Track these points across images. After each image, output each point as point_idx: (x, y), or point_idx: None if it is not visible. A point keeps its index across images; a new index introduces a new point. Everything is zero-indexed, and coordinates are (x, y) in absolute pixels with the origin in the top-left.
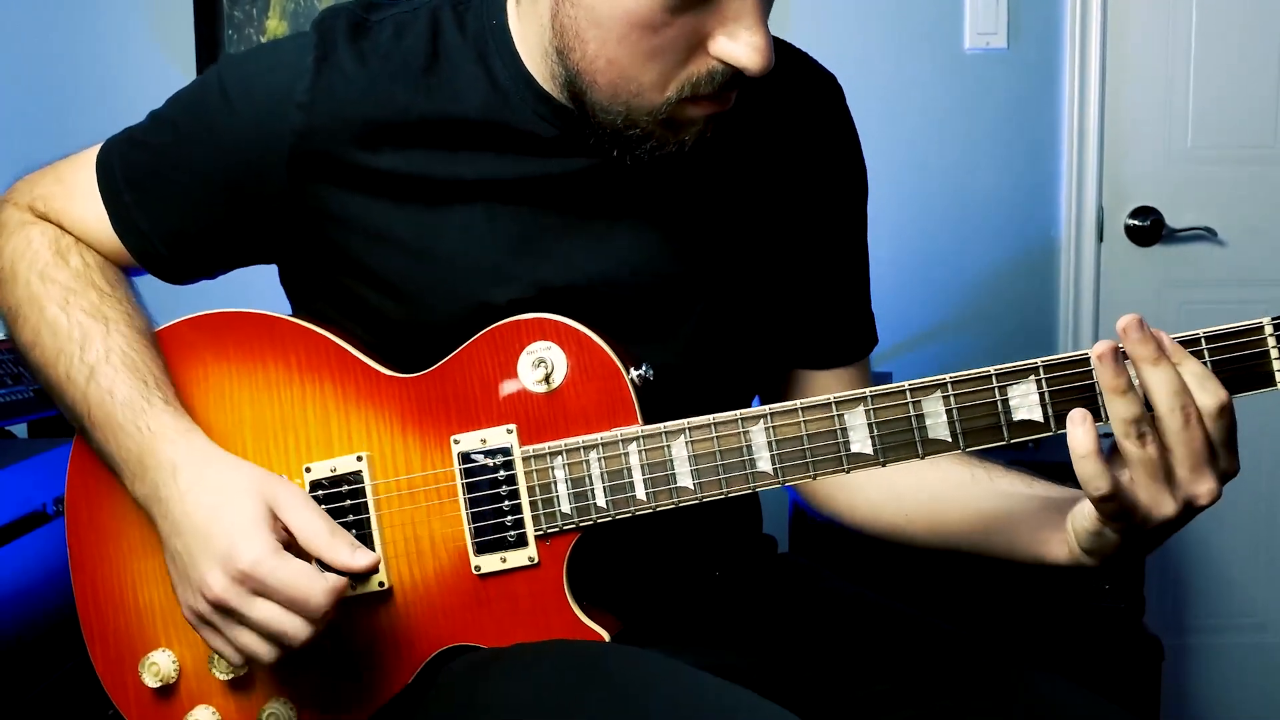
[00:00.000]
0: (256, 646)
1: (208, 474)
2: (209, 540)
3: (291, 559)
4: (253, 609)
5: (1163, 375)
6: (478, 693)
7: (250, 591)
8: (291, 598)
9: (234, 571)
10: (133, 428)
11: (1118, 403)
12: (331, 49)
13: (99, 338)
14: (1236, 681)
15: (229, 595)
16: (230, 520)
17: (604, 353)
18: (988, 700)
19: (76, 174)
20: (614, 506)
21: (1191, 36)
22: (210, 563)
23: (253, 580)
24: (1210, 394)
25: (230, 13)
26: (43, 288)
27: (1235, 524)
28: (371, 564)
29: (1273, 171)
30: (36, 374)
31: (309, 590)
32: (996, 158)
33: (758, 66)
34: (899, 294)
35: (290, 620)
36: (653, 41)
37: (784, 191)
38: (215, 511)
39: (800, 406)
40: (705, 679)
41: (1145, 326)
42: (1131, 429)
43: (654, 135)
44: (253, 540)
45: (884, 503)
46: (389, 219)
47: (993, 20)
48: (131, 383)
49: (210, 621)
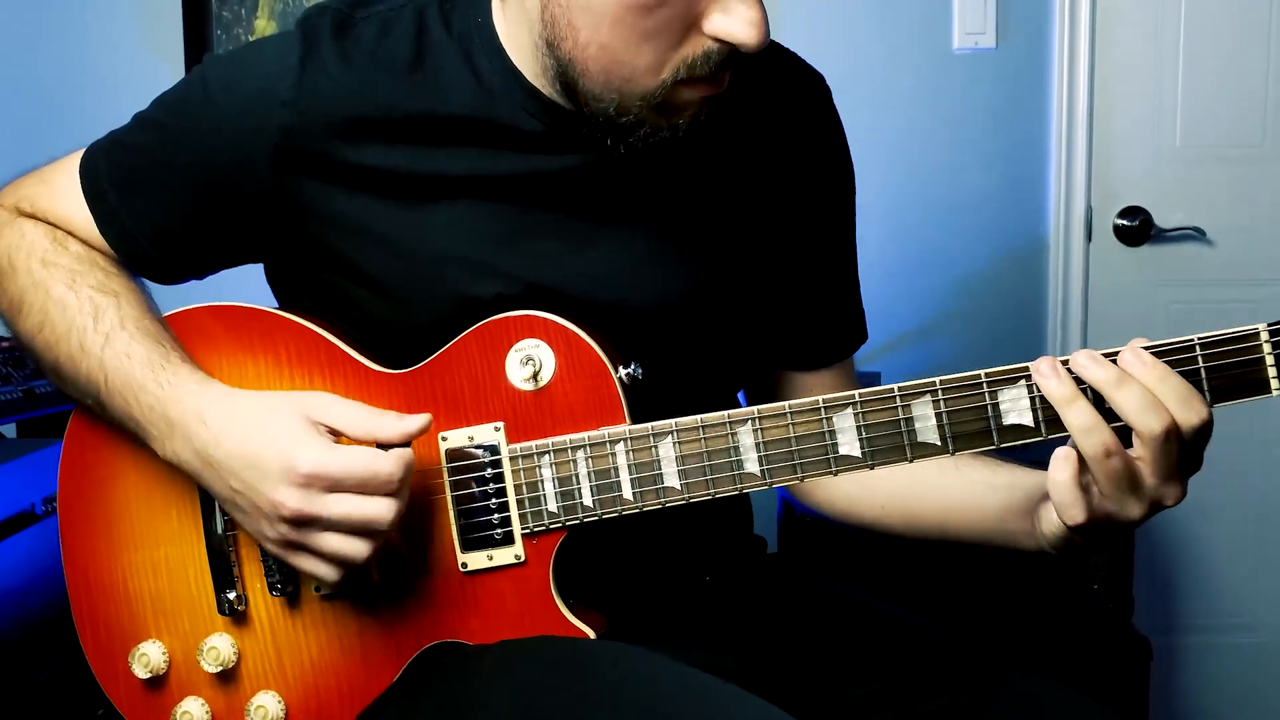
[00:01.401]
0: (348, 547)
1: (236, 410)
2: (261, 465)
3: (347, 447)
4: (331, 507)
5: (1128, 393)
6: (464, 689)
7: (323, 490)
8: (364, 478)
9: (299, 478)
10: (154, 384)
11: (1069, 411)
12: (316, 47)
13: (111, 309)
14: (1225, 681)
15: (304, 503)
16: (274, 439)
17: (593, 351)
18: (976, 700)
19: (61, 177)
20: (601, 506)
21: (1180, 36)
22: (273, 483)
23: (321, 479)
24: (1194, 412)
25: (219, 13)
26: (46, 272)
27: (1224, 524)
28: (425, 423)
29: (1261, 171)
30: (43, 356)
31: (377, 465)
32: (985, 157)
33: (754, 40)
34: (887, 294)
35: (370, 504)
36: (646, 24)
37: (771, 190)
38: (257, 438)
39: (789, 409)
40: (693, 674)
41: (1096, 355)
42: (1092, 439)
43: (647, 122)
44: (304, 444)
45: (860, 496)
46: (374, 215)
47: (981, 20)
48: (147, 344)
49: (295, 542)
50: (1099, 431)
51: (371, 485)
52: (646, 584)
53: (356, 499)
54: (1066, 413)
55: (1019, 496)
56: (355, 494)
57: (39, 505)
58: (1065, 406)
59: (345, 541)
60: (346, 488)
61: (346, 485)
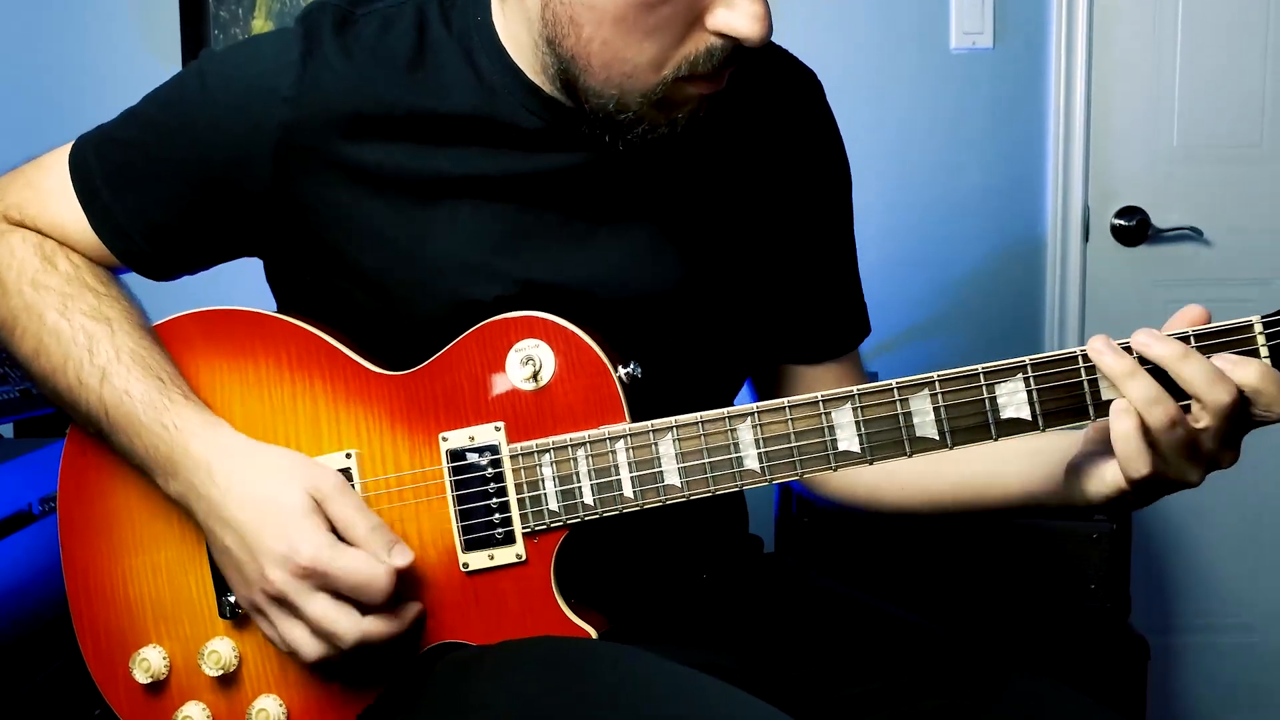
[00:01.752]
0: (304, 644)
1: (246, 469)
2: (263, 537)
3: (348, 548)
4: (311, 603)
5: (1195, 366)
6: (465, 690)
7: (312, 586)
8: (355, 584)
9: (295, 568)
10: (157, 426)
11: (1131, 385)
12: (318, 43)
13: (105, 339)
14: (1222, 681)
15: (289, 589)
16: (281, 516)
17: (592, 351)
18: (974, 700)
19: (48, 177)
20: (602, 504)
21: (1178, 36)
22: (268, 558)
23: (315, 574)
24: (1252, 368)
25: (216, 12)
26: (37, 296)
27: (1221, 524)
28: (408, 563)
29: (1259, 171)
30: (43, 384)
31: (371, 575)
32: (983, 157)
33: (758, 35)
34: (885, 293)
35: (343, 619)
36: (649, 20)
37: (768, 188)
38: (263, 507)
39: (788, 404)
40: (694, 675)
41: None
42: (1156, 410)
43: (646, 119)
44: (310, 535)
45: (878, 483)
46: (375, 214)
47: (979, 20)
48: (147, 380)
49: (265, 612)
50: (1163, 401)
51: (362, 596)
52: (644, 583)
53: (333, 607)
54: (1128, 386)
55: (1040, 463)
56: (337, 600)
57: (36, 505)
58: (1126, 380)
59: (305, 637)
60: (337, 589)
61: (338, 585)
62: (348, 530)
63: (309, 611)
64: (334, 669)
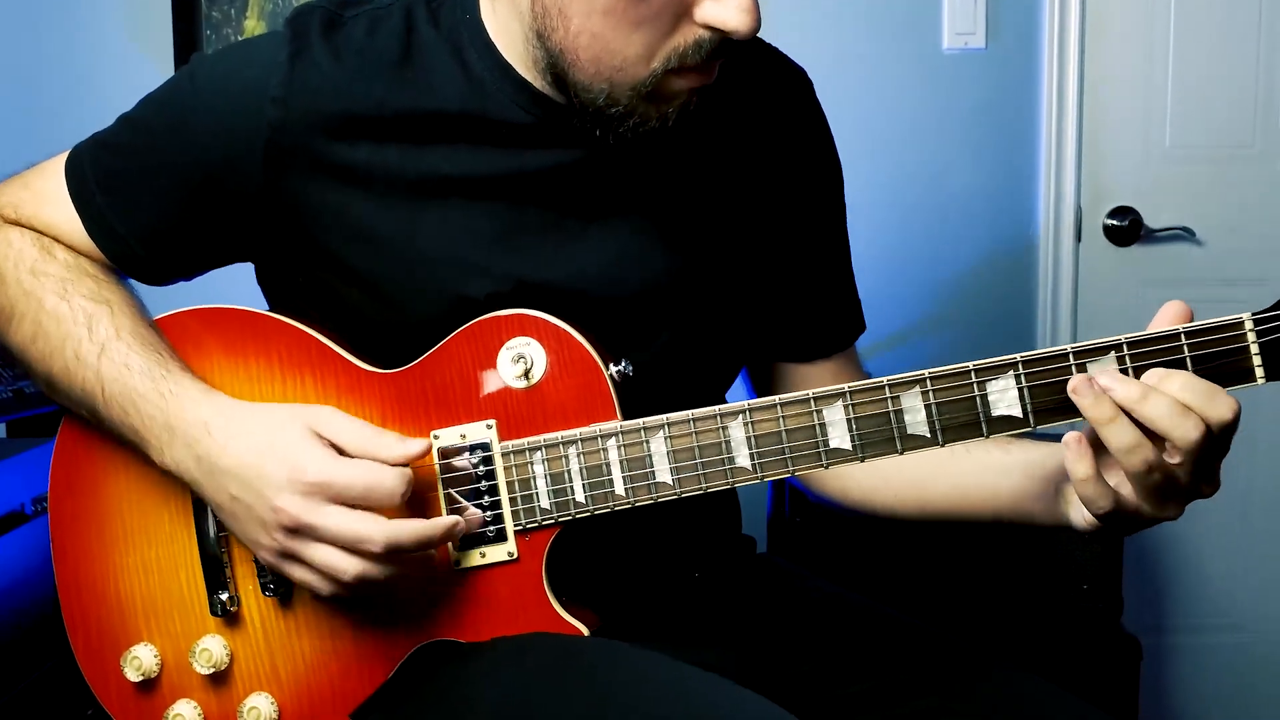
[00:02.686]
0: (340, 562)
1: (244, 420)
2: (266, 473)
3: (352, 459)
4: (328, 517)
5: (1157, 405)
6: (457, 688)
7: (323, 500)
8: (365, 488)
9: (304, 486)
10: (154, 394)
11: (1108, 431)
12: (306, 44)
13: (105, 318)
14: (1214, 681)
15: (303, 510)
16: (282, 448)
17: (583, 348)
18: (965, 700)
19: (45, 181)
20: (593, 502)
21: (1170, 36)
22: (276, 489)
23: (325, 487)
24: (1223, 406)
25: (208, 13)
26: (36, 282)
27: (1213, 524)
28: (424, 448)
29: (1251, 171)
30: (37, 367)
31: (381, 478)
32: (975, 157)
33: (746, 27)
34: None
35: (362, 522)
36: (637, 12)
37: (759, 184)
38: (264, 447)
39: (779, 402)
40: (687, 671)
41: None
42: (1135, 457)
43: (636, 112)
44: (312, 453)
45: (874, 486)
46: (366, 214)
47: (971, 20)
48: (145, 354)
49: (289, 551)
50: (1142, 449)
51: (373, 498)
52: (637, 581)
53: (351, 515)
54: (1108, 433)
55: (1035, 479)
56: (353, 509)
57: (29, 505)
58: (1106, 426)
59: (337, 556)
60: (349, 499)
61: (349, 497)
62: (355, 441)
63: (328, 526)
64: (327, 664)
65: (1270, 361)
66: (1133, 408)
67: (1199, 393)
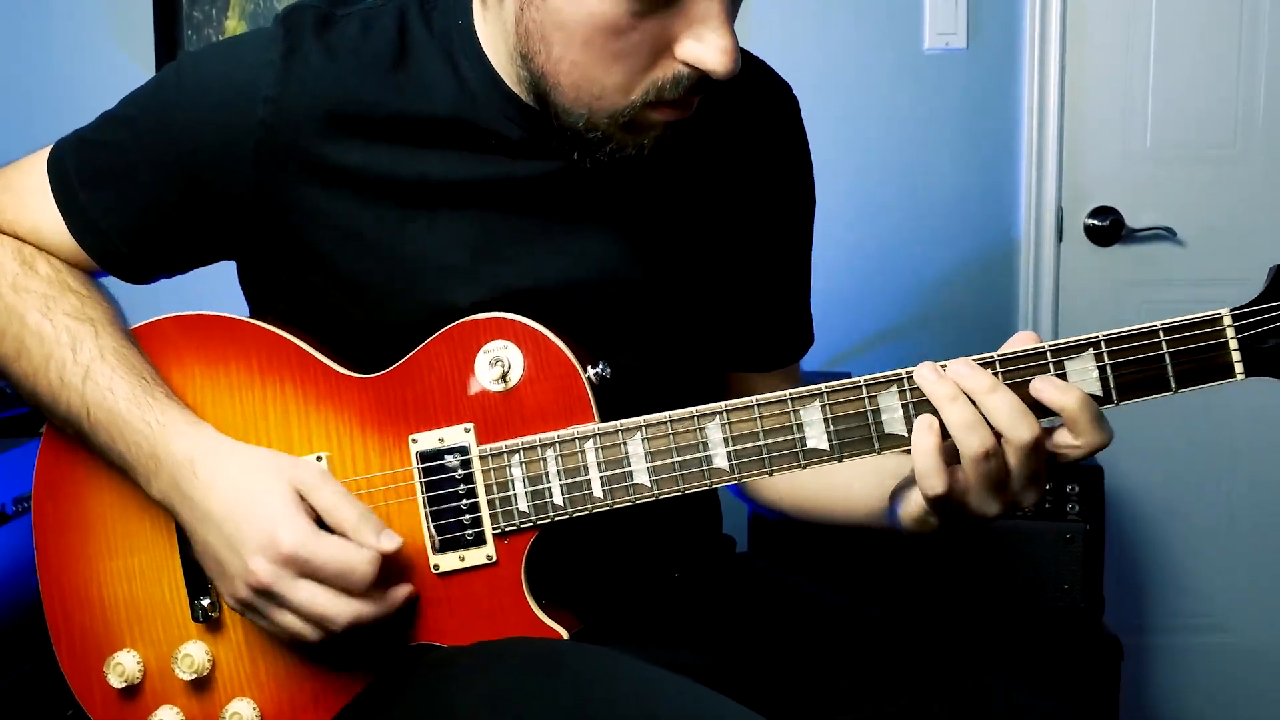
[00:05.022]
0: (302, 629)
1: (228, 464)
2: (244, 529)
3: (330, 536)
4: (296, 591)
5: (1000, 400)
6: (437, 692)
7: (295, 574)
8: (338, 571)
9: (277, 556)
10: (140, 423)
11: (951, 408)
12: (299, 42)
13: (89, 339)
14: (1195, 681)
15: (273, 580)
16: (263, 507)
17: (560, 351)
18: (945, 701)
19: (25, 180)
20: (571, 504)
21: (1151, 37)
22: (251, 550)
23: (297, 562)
24: (1072, 395)
25: (189, 13)
26: (17, 298)
27: (1194, 525)
28: (397, 547)
29: (1232, 172)
30: (21, 384)
31: (353, 561)
32: (956, 158)
33: (724, 69)
34: (858, 293)
35: (331, 603)
36: (617, 45)
37: (735, 197)
38: (246, 500)
39: (756, 403)
40: (665, 676)
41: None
42: (972, 437)
43: (613, 139)
44: (291, 523)
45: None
46: (354, 216)
47: (952, 20)
48: (130, 379)
49: (255, 606)
50: (980, 430)
51: (345, 582)
52: (617, 583)
53: (320, 592)
54: (948, 409)
55: (884, 479)
56: (323, 585)
57: (9, 505)
58: (947, 403)
59: (300, 624)
60: (321, 577)
61: (322, 576)
62: (333, 517)
63: (295, 599)
64: (309, 669)
65: (1249, 357)
66: (979, 398)
67: (1057, 386)
